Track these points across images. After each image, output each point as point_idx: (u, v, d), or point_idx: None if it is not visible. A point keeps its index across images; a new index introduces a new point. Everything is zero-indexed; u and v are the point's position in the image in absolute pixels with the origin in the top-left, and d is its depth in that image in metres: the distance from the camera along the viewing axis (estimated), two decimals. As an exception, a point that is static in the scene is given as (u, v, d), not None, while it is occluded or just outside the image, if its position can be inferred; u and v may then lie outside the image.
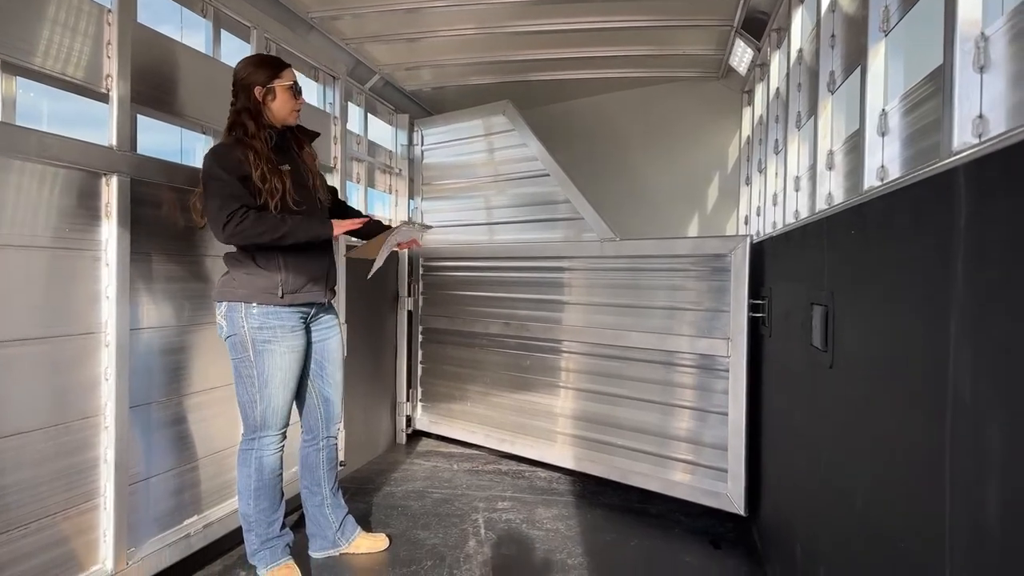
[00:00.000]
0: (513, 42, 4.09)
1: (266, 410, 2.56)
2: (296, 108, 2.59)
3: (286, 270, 2.52)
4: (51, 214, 2.12)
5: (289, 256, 2.53)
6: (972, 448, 1.02)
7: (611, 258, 3.81)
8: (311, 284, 2.60)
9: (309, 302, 2.62)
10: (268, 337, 2.52)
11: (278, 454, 2.64)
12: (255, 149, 2.45)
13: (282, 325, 2.54)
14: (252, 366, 2.52)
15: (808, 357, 2.09)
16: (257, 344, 2.50)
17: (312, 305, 2.66)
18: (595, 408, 3.90)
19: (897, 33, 1.82)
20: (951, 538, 1.08)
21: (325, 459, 2.86)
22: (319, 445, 2.84)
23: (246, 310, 2.50)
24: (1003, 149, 0.96)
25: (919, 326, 1.24)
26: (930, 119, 1.54)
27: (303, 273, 2.57)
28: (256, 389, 2.54)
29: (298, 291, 2.56)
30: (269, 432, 2.59)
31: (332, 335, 2.78)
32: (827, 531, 1.85)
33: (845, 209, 1.77)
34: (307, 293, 2.59)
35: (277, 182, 2.46)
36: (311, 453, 2.85)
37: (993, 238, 0.98)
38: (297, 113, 2.61)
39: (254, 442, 2.60)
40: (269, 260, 2.51)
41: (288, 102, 2.56)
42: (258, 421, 2.57)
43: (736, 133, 4.88)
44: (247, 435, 2.62)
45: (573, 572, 2.78)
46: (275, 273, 2.51)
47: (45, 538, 2.13)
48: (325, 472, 2.86)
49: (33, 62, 2.10)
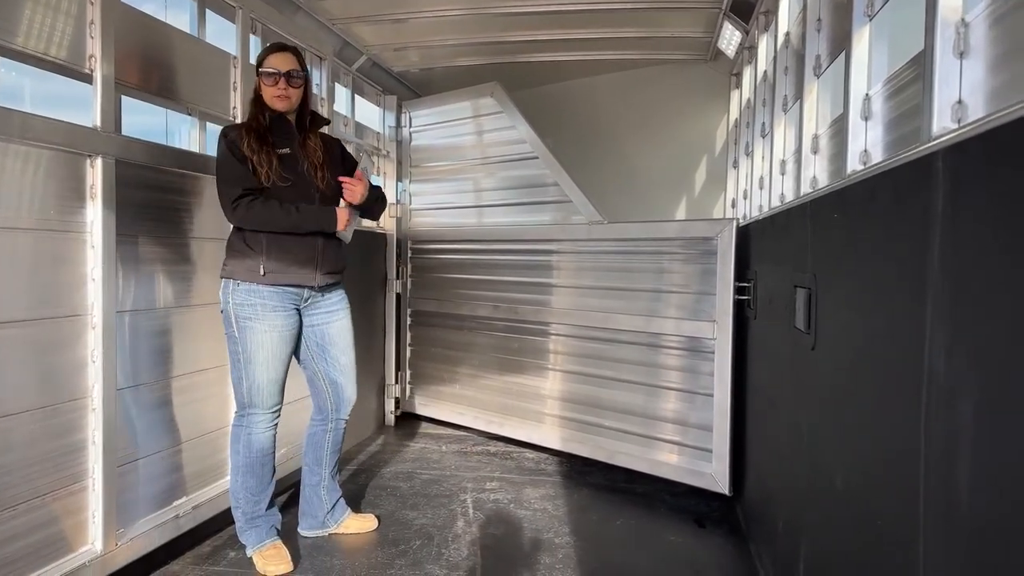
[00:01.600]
0: (501, 23, 4.07)
1: (251, 387, 2.61)
2: (276, 94, 2.58)
3: (268, 251, 2.56)
4: (36, 196, 2.11)
5: (272, 238, 2.57)
6: (945, 426, 1.05)
7: (599, 241, 3.82)
8: (296, 267, 2.62)
9: (296, 284, 2.63)
10: (249, 314, 2.56)
11: (268, 433, 2.67)
12: (248, 127, 2.57)
13: (263, 304, 2.58)
14: (237, 342, 2.59)
15: (791, 339, 2.12)
16: (240, 320, 2.57)
17: (302, 287, 2.67)
18: (583, 390, 3.93)
19: (882, 17, 1.83)
20: (925, 512, 1.12)
21: (331, 440, 2.89)
22: (328, 426, 2.87)
23: (233, 286, 2.57)
24: (981, 134, 0.98)
25: (898, 308, 1.26)
26: (912, 104, 1.55)
27: (286, 255, 2.60)
28: (241, 366, 2.59)
29: (282, 272, 2.59)
30: (256, 410, 2.63)
31: (334, 319, 2.80)
32: (809, 508, 1.90)
33: (828, 193, 1.79)
34: (292, 275, 2.61)
35: (264, 158, 2.54)
36: (319, 432, 2.88)
37: (969, 222, 1.00)
38: (281, 99, 2.59)
39: (244, 419, 2.65)
40: (255, 241, 2.57)
41: (267, 88, 2.59)
42: (245, 398, 2.63)
43: (724, 116, 4.89)
44: (238, 412, 2.67)
45: (560, 551, 2.83)
46: (259, 253, 2.56)
47: (34, 519, 2.13)
48: (329, 453, 2.89)
49: (15, 42, 2.07)
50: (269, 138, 2.57)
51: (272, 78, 2.57)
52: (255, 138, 2.54)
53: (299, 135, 2.68)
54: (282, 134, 2.63)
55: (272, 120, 2.61)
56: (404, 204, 4.93)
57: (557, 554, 2.80)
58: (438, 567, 2.66)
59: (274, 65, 2.58)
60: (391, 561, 2.71)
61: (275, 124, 2.62)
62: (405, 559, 2.73)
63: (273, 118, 2.61)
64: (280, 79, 2.57)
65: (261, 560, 2.61)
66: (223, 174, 2.55)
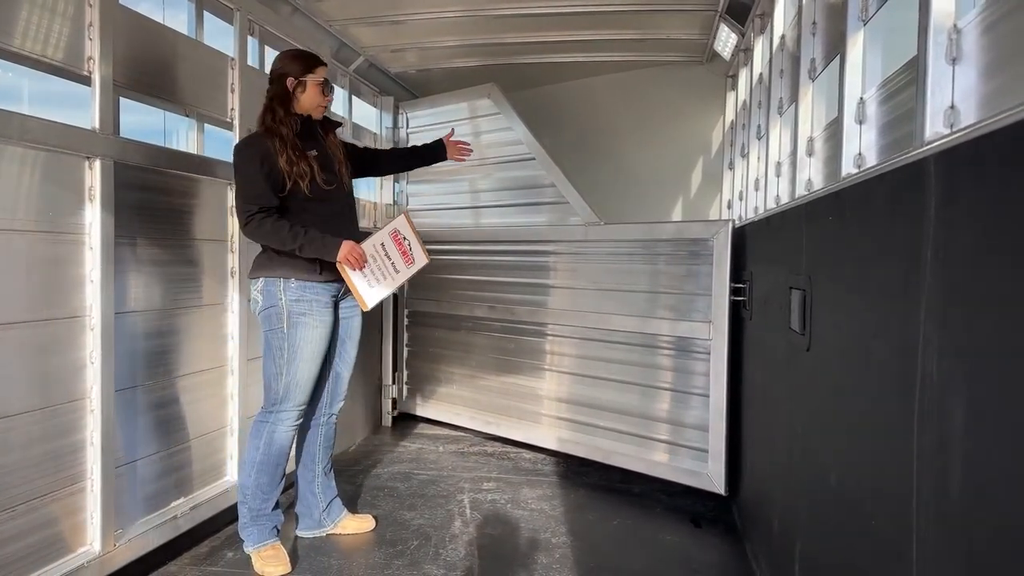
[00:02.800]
0: (498, 25, 4.08)
1: (290, 383, 2.64)
2: (323, 104, 2.69)
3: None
4: (34, 198, 2.11)
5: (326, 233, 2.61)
6: (938, 426, 1.07)
7: (595, 242, 3.84)
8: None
9: (339, 279, 2.70)
10: (304, 310, 2.62)
11: (290, 433, 2.70)
12: (281, 135, 2.57)
13: (317, 300, 2.64)
14: (284, 338, 2.61)
15: (786, 340, 2.14)
16: (293, 316, 2.61)
17: (341, 282, 2.72)
18: (579, 390, 3.94)
19: (876, 22, 1.85)
20: (919, 512, 1.13)
21: (323, 436, 2.91)
22: (320, 421, 2.89)
23: (284, 284, 2.60)
24: (972, 139, 0.99)
25: (892, 309, 1.28)
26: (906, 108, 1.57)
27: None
28: (284, 361, 2.63)
29: (332, 268, 2.65)
30: (287, 406, 2.66)
31: (356, 312, 2.85)
32: (804, 508, 1.91)
33: (823, 195, 1.81)
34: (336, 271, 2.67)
35: (305, 166, 2.58)
36: (312, 427, 2.90)
37: (961, 225, 1.02)
38: (323, 109, 2.71)
39: (270, 415, 2.67)
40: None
41: (316, 97, 2.66)
42: (280, 394, 2.65)
43: (720, 118, 4.91)
44: (265, 407, 2.70)
45: (557, 551, 2.84)
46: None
47: (33, 520, 2.14)
48: (321, 450, 2.91)
49: (14, 44, 2.08)
50: (299, 144, 2.60)
51: (324, 88, 2.66)
52: (291, 148, 2.56)
53: (324, 135, 2.75)
54: (308, 136, 2.67)
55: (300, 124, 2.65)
56: (401, 205, 4.93)
57: (554, 554, 2.81)
58: (436, 567, 2.67)
59: (325, 76, 2.67)
60: (389, 561, 2.72)
61: (303, 128, 2.66)
62: (403, 559, 2.74)
63: (300, 122, 2.65)
64: (331, 92, 2.70)
65: (259, 560, 2.62)
66: (244, 188, 2.57)
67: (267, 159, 2.53)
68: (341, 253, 2.59)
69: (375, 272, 2.68)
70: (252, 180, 2.53)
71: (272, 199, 2.55)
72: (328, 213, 2.67)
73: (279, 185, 2.55)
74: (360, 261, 2.63)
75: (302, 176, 2.56)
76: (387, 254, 2.71)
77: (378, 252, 2.70)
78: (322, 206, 2.64)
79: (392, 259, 2.72)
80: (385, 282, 2.71)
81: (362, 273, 2.65)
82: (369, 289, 2.68)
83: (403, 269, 2.74)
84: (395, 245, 2.74)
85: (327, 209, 2.66)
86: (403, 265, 2.74)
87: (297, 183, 2.56)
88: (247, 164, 2.55)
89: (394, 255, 2.72)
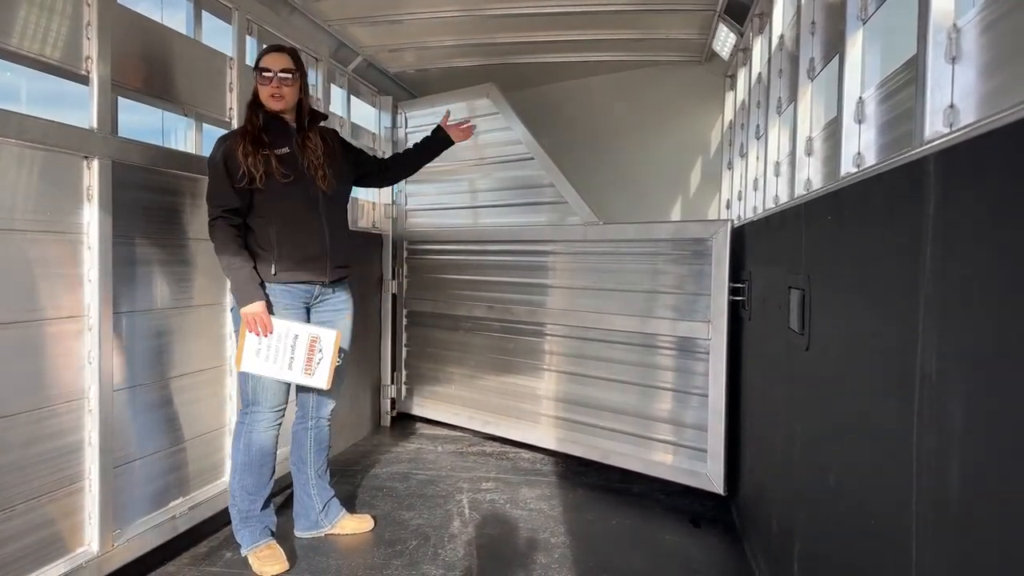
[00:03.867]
0: (496, 25, 4.08)
1: (256, 386, 2.62)
2: (271, 93, 2.60)
3: (279, 247, 2.60)
4: (32, 197, 2.11)
5: (282, 233, 2.60)
6: (937, 425, 1.07)
7: (594, 242, 3.84)
8: (308, 262, 2.65)
9: (307, 281, 2.67)
10: None
11: (270, 432, 2.67)
12: (245, 130, 2.59)
13: (275, 302, 2.60)
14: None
15: (785, 339, 2.14)
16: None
17: (312, 284, 2.69)
18: (578, 390, 3.94)
19: (875, 21, 1.85)
20: (918, 511, 1.13)
21: (313, 439, 2.89)
22: (308, 425, 2.88)
23: None
24: (972, 139, 0.99)
25: (891, 309, 1.28)
26: (905, 107, 1.57)
27: (297, 250, 2.62)
28: None
29: (292, 270, 2.62)
30: (260, 409, 2.64)
31: (338, 318, 2.81)
32: (803, 508, 1.91)
33: (822, 195, 1.81)
34: (304, 272, 2.65)
35: (259, 160, 2.55)
36: (300, 432, 2.89)
37: (959, 225, 1.02)
38: (275, 99, 2.61)
39: (247, 417, 2.66)
40: (263, 239, 2.60)
41: (262, 88, 2.62)
42: (250, 396, 2.64)
43: (719, 117, 4.91)
44: (242, 410, 2.69)
45: (556, 551, 2.84)
46: (269, 251, 2.59)
47: (31, 520, 2.13)
48: (312, 453, 2.89)
49: (12, 44, 2.07)
50: (265, 139, 2.58)
51: (266, 78, 2.60)
52: (250, 142, 2.55)
53: (298, 134, 2.68)
54: (280, 134, 2.64)
55: (268, 121, 2.62)
56: (400, 205, 4.93)
57: (553, 554, 2.81)
58: (435, 567, 2.67)
59: (267, 65, 2.61)
60: (387, 561, 2.72)
61: (272, 125, 2.63)
62: (401, 559, 2.74)
63: (268, 119, 2.62)
64: (274, 79, 2.59)
65: (256, 561, 2.62)
66: (210, 187, 2.59)
67: (230, 155, 2.54)
68: (247, 308, 2.52)
69: (271, 349, 2.56)
70: (218, 180, 2.55)
71: (233, 199, 2.54)
72: (292, 214, 2.62)
73: (240, 179, 2.53)
74: (256, 327, 2.52)
75: (255, 168, 2.53)
76: (294, 347, 2.57)
77: (286, 337, 2.57)
78: (285, 206, 2.60)
79: (294, 356, 2.57)
80: (273, 366, 2.57)
81: (258, 339, 2.55)
82: (255, 356, 2.55)
83: (297, 371, 2.58)
84: (307, 348, 2.58)
85: (291, 209, 2.62)
86: (300, 369, 2.58)
87: (252, 176, 2.54)
88: (215, 165, 2.57)
89: (299, 355, 2.57)
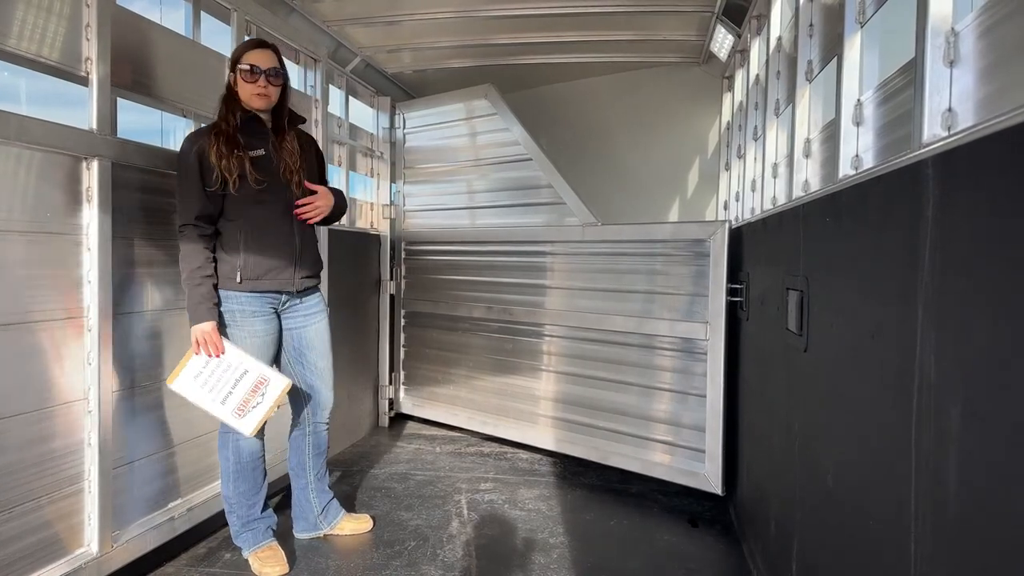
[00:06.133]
0: (494, 26, 4.08)
1: None
2: (256, 92, 2.52)
3: (245, 254, 2.53)
4: (31, 198, 2.11)
5: (250, 239, 2.53)
6: (935, 427, 1.08)
7: (592, 243, 3.84)
8: (275, 271, 2.58)
9: (275, 290, 2.60)
10: (227, 321, 2.53)
11: (254, 438, 2.65)
12: (218, 130, 2.49)
13: (241, 310, 2.54)
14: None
15: (783, 340, 2.14)
16: (221, 326, 2.51)
17: (280, 293, 2.63)
18: (576, 391, 3.95)
19: (873, 24, 1.86)
20: (916, 512, 1.14)
21: (311, 444, 2.88)
22: (305, 430, 2.86)
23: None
24: (970, 143, 1.00)
25: (889, 310, 1.29)
26: (903, 110, 1.58)
27: (264, 258, 2.55)
28: None
29: (259, 278, 2.55)
30: None
31: (312, 323, 2.75)
32: (801, 508, 1.92)
33: (820, 197, 1.81)
34: (270, 280, 2.58)
35: (234, 163, 2.46)
36: (298, 437, 2.87)
37: (957, 227, 1.03)
38: (260, 97, 2.53)
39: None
40: (230, 244, 2.53)
41: (246, 86, 2.52)
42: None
43: (716, 119, 4.92)
44: None
45: (555, 551, 2.84)
46: (235, 257, 2.52)
47: (30, 521, 2.13)
48: (311, 458, 2.88)
49: (12, 45, 2.07)
50: (240, 141, 2.49)
51: (251, 75, 2.50)
52: (224, 142, 2.46)
53: (275, 136, 2.61)
54: (255, 135, 2.56)
55: (244, 121, 2.54)
56: (398, 205, 4.93)
57: (551, 554, 2.81)
58: (433, 567, 2.67)
59: (254, 61, 2.51)
60: (387, 562, 2.72)
61: (247, 125, 2.55)
62: (400, 560, 2.74)
63: (245, 119, 2.54)
64: (260, 76, 2.50)
65: (257, 562, 2.62)
66: (181, 190, 2.47)
67: (201, 156, 2.45)
68: (199, 327, 2.44)
69: (212, 376, 2.46)
70: (191, 184, 2.45)
71: (206, 205, 2.46)
72: (262, 219, 2.55)
73: (212, 183, 2.45)
74: (207, 347, 2.44)
75: (229, 172, 2.45)
76: (237, 381, 2.45)
77: (235, 369, 2.46)
78: (256, 211, 2.53)
79: (233, 392, 2.45)
80: (206, 395, 2.44)
81: (204, 360, 2.45)
82: (191, 379, 2.45)
83: (228, 409, 2.44)
84: (250, 388, 2.46)
85: (262, 215, 2.54)
86: (232, 407, 2.44)
87: (225, 180, 2.46)
88: (182, 165, 2.47)
89: (238, 392, 2.44)
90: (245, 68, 2.51)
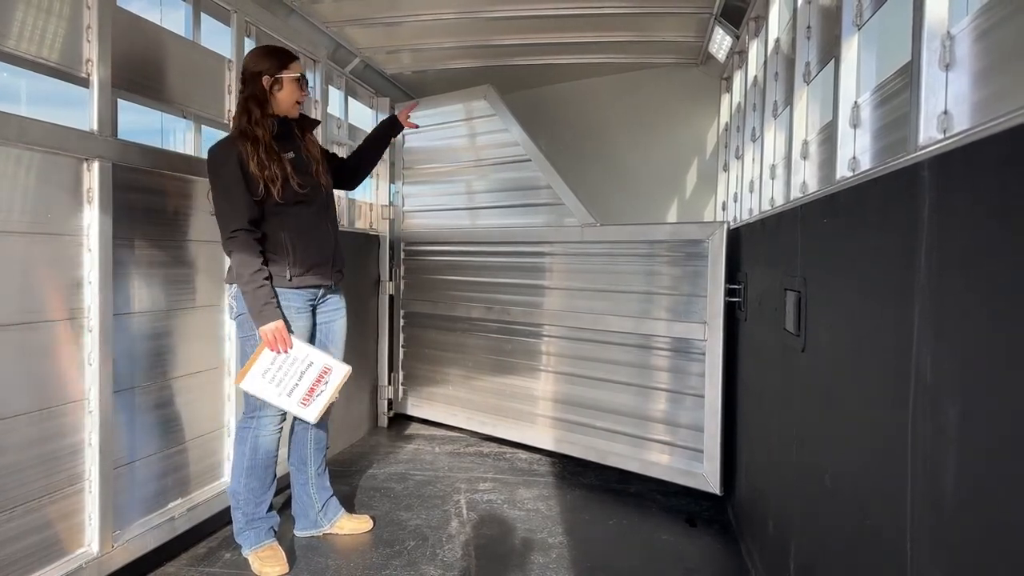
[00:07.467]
0: (493, 27, 4.09)
1: None
2: (300, 100, 2.65)
3: (293, 254, 2.60)
4: (32, 199, 2.11)
5: (296, 238, 2.60)
6: (932, 426, 1.09)
7: (591, 243, 3.85)
8: (317, 267, 2.68)
9: (316, 284, 2.69)
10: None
11: (274, 436, 2.69)
12: (255, 137, 2.52)
13: (288, 306, 2.61)
14: (257, 344, 2.57)
15: (781, 341, 2.16)
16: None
17: (319, 287, 2.72)
18: (575, 391, 3.96)
19: (870, 27, 1.87)
20: (913, 511, 1.15)
21: (313, 439, 2.90)
22: (307, 424, 2.87)
23: None
24: (965, 146, 1.01)
25: (886, 311, 1.30)
26: (900, 113, 1.59)
27: (309, 255, 2.64)
28: None
29: (305, 274, 2.64)
30: (267, 412, 2.64)
31: (337, 317, 2.85)
32: (798, 508, 1.93)
33: (818, 198, 1.83)
34: (313, 276, 2.67)
35: (277, 169, 2.52)
36: (300, 432, 2.89)
37: (953, 229, 1.04)
38: (299, 105, 2.67)
39: (252, 421, 2.66)
40: (276, 244, 2.59)
41: (294, 93, 2.62)
42: (256, 401, 2.62)
43: (715, 120, 4.93)
44: (247, 413, 2.68)
45: (553, 551, 2.85)
46: (283, 257, 2.59)
47: (31, 521, 2.14)
48: (312, 451, 2.90)
49: (13, 46, 2.08)
50: (275, 147, 2.56)
51: (300, 84, 2.62)
52: (264, 151, 2.51)
53: (298, 135, 2.71)
54: (283, 138, 2.64)
55: (277, 125, 2.61)
56: (397, 206, 4.94)
57: (550, 554, 2.82)
58: (433, 567, 2.68)
59: (301, 71, 2.63)
60: (386, 562, 2.73)
61: (280, 129, 2.63)
62: (400, 559, 2.75)
63: (277, 123, 2.61)
64: (305, 85, 2.65)
65: (257, 561, 2.62)
66: (223, 201, 2.49)
67: (241, 164, 2.48)
68: (267, 327, 2.49)
69: (280, 371, 2.54)
70: (230, 192, 2.47)
71: (253, 211, 2.50)
72: (304, 218, 2.63)
73: (253, 190, 2.49)
74: (277, 344, 2.50)
75: (273, 180, 2.50)
76: (303, 373, 2.55)
77: (301, 362, 2.56)
78: (297, 211, 2.60)
79: (300, 383, 2.55)
80: (274, 390, 2.53)
81: (272, 357, 2.52)
82: (260, 376, 2.52)
83: (295, 400, 2.55)
84: (315, 378, 2.57)
85: (303, 214, 2.62)
86: (299, 396, 2.55)
87: (268, 188, 2.50)
88: (224, 174, 2.48)
89: (304, 383, 2.55)
90: (296, 77, 2.60)
